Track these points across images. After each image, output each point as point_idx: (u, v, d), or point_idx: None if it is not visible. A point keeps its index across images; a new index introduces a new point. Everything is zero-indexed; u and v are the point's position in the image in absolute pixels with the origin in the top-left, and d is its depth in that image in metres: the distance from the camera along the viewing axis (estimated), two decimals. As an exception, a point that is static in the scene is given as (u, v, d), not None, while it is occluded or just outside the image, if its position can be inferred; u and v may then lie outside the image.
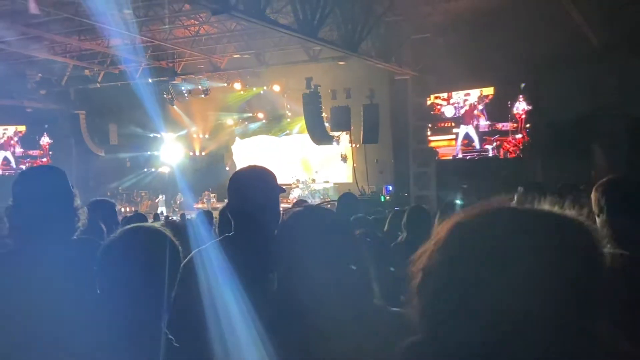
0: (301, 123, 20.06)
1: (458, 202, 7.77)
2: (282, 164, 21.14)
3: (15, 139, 23.49)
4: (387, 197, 19.18)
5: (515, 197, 3.18)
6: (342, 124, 19.25)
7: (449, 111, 17.42)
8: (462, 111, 17.17)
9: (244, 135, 24.97)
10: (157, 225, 1.99)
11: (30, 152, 23.49)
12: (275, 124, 23.95)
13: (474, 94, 16.92)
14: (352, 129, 19.67)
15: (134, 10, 14.04)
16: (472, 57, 14.56)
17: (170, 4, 14.21)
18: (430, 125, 17.70)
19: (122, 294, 1.77)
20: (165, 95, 21.53)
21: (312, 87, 17.87)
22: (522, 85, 15.98)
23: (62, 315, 1.96)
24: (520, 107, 16.13)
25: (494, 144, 16.61)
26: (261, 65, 18.66)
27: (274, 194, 2.49)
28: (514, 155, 16.33)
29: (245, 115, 24.10)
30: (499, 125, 16.55)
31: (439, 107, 17.58)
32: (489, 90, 16.70)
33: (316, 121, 18.38)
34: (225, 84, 20.97)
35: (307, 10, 11.90)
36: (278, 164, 19.98)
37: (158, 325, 1.80)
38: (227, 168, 25.30)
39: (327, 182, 22.36)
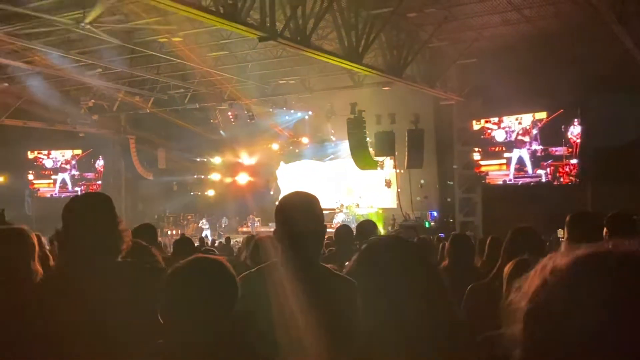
0: (345, 148, 20.10)
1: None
2: (326, 189, 21.17)
3: (73, 162, 24.35)
4: (432, 223, 18.99)
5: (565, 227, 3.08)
6: (386, 149, 19.23)
7: (499, 135, 17.14)
8: (514, 135, 16.92)
9: (289, 159, 25.15)
10: (217, 255, 2.11)
11: (86, 174, 24.29)
12: (319, 149, 24.06)
13: (527, 118, 16.62)
14: (396, 154, 19.62)
15: (183, 37, 14.43)
16: (519, 81, 14.40)
17: (219, 31, 14.54)
18: (480, 149, 17.45)
19: (184, 319, 1.90)
20: (212, 121, 21.96)
21: (357, 112, 17.93)
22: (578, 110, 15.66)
23: (113, 335, 2.03)
24: (575, 131, 15.76)
25: (548, 169, 16.23)
26: (306, 90, 18.86)
27: (320, 220, 2.50)
28: (567, 181, 15.92)
29: (290, 139, 24.32)
30: (553, 150, 16.20)
31: (489, 131, 17.32)
32: (541, 115, 16.38)
33: (360, 146, 18.41)
34: (271, 110, 21.24)
35: (352, 36, 12.00)
36: (322, 188, 20.02)
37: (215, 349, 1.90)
38: (272, 192, 25.48)
39: (371, 207, 22.26)
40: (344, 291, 2.33)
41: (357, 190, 22.86)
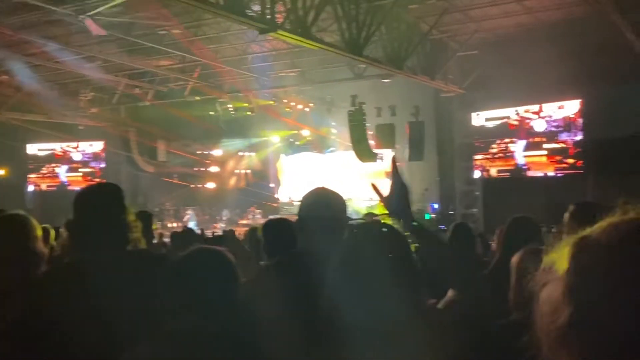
0: (346, 140, 20.07)
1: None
2: (327, 181, 21.16)
3: (72, 155, 24.30)
4: (433, 215, 18.98)
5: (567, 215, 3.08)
6: (387, 141, 19.20)
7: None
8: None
9: (289, 152, 25.12)
10: (218, 247, 2.18)
11: (86, 167, 24.24)
12: (320, 141, 24.02)
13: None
14: (397, 146, 19.59)
15: (183, 29, 14.39)
16: (520, 74, 14.35)
17: (218, 24, 14.50)
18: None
19: (187, 306, 1.95)
20: (212, 113, 21.92)
21: (357, 104, 17.89)
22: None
23: (122, 320, 2.07)
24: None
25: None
26: (307, 82, 18.82)
27: (332, 209, 2.48)
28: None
29: (291, 132, 24.27)
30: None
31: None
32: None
33: (361, 138, 18.38)
34: (272, 102, 21.21)
35: (353, 28, 11.97)
36: (323, 181, 20.02)
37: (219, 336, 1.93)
38: (272, 185, 25.48)
39: (371, 199, 22.24)
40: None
41: (357, 182, 22.83)
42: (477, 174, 17.76)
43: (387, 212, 2.27)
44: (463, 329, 1.93)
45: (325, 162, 23.78)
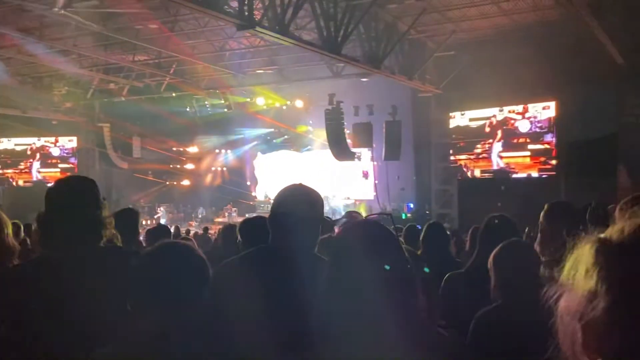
0: (323, 139, 20.06)
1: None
2: (304, 179, 21.10)
3: (44, 150, 23.88)
4: (409, 215, 19.08)
5: (541, 215, 3.11)
6: (364, 140, 19.24)
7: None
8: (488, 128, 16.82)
9: (266, 150, 25.07)
10: (186, 242, 2.11)
11: (59, 162, 23.84)
12: (297, 140, 24.00)
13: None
14: (374, 145, 19.64)
15: (159, 24, 14.23)
16: (496, 75, 14.50)
17: (196, 20, 14.38)
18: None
19: (154, 303, 1.90)
20: (188, 109, 21.76)
21: (335, 103, 17.89)
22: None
23: (91, 317, 2.02)
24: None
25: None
26: (284, 80, 18.76)
27: (311, 207, 2.45)
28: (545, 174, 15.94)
29: (267, 130, 24.21)
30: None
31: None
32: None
33: (338, 137, 18.38)
34: (248, 99, 21.11)
35: (331, 27, 11.96)
36: (300, 179, 19.97)
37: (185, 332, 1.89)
38: (248, 183, 25.41)
39: (347, 198, 22.30)
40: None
41: (334, 181, 22.87)
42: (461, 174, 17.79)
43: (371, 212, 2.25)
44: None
45: (302, 160, 23.77)
